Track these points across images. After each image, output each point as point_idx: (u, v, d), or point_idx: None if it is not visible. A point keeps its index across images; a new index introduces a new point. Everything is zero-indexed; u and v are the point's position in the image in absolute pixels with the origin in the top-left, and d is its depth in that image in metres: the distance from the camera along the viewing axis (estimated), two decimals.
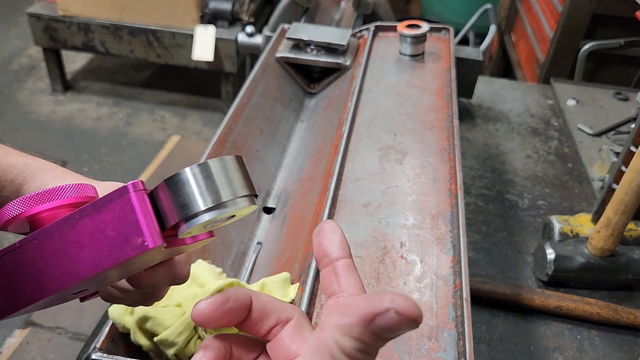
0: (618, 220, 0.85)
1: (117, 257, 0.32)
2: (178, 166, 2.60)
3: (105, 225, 0.33)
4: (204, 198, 0.32)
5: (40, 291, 0.34)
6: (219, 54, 2.68)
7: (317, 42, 1.17)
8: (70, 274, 0.33)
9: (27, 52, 3.46)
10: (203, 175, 0.32)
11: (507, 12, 2.83)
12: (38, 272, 0.34)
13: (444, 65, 1.14)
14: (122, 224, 0.32)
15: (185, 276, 0.42)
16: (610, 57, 2.06)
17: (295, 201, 0.87)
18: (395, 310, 0.26)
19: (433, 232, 0.72)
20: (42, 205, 0.37)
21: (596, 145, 1.31)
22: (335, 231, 0.33)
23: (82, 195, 0.38)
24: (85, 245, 0.33)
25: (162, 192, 0.33)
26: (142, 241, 0.31)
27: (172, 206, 0.32)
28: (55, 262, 0.34)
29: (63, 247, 0.34)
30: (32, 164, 0.45)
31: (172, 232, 0.34)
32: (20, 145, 2.95)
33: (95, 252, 0.33)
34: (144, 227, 0.32)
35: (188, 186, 0.32)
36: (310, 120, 1.13)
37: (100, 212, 0.33)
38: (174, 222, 0.32)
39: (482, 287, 0.89)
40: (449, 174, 0.82)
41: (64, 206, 0.37)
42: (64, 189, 0.37)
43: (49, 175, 0.45)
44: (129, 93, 3.13)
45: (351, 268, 0.32)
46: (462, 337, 0.58)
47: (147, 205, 0.33)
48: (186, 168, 0.32)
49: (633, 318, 0.86)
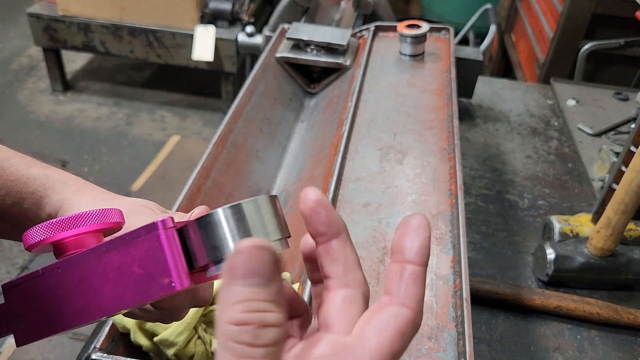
0: (618, 220, 0.85)
1: (143, 296, 0.31)
2: (178, 166, 2.60)
3: (132, 261, 0.31)
4: (236, 242, 0.31)
5: (61, 323, 0.33)
6: (219, 54, 2.68)
7: (317, 42, 1.17)
8: (93, 309, 0.32)
9: (27, 52, 3.46)
10: (235, 218, 0.31)
11: (507, 12, 2.83)
12: (60, 303, 0.33)
13: (444, 65, 1.14)
14: (150, 262, 0.31)
15: (208, 299, 0.42)
16: (610, 57, 2.06)
17: (295, 201, 0.87)
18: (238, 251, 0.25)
19: (433, 232, 0.72)
20: (67, 232, 0.36)
21: (596, 145, 1.31)
22: (420, 230, 0.29)
23: (107, 222, 0.37)
24: (111, 279, 0.32)
25: (193, 232, 0.32)
26: (170, 282, 0.30)
27: (203, 247, 0.31)
28: (78, 294, 0.33)
29: (87, 279, 0.33)
30: (53, 176, 0.45)
31: (200, 270, 0.33)
32: (20, 145, 2.94)
33: (120, 289, 0.32)
34: (172, 268, 0.31)
35: (220, 228, 0.31)
36: (310, 120, 1.13)
37: (128, 247, 0.32)
38: (204, 264, 0.31)
39: (482, 287, 0.89)
40: (449, 174, 0.82)
41: (89, 232, 0.36)
42: (89, 215, 0.36)
43: (70, 189, 0.45)
44: (129, 93, 3.13)
45: (419, 278, 0.29)
46: (462, 337, 0.58)
47: (177, 245, 0.31)
48: (219, 209, 0.31)
49: (633, 318, 0.86)
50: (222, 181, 0.84)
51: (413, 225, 0.29)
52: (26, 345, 0.35)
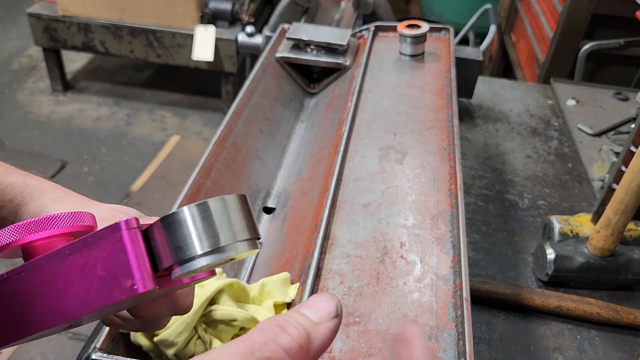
0: (618, 220, 0.85)
1: (105, 299, 0.30)
2: (178, 166, 2.60)
3: (95, 263, 0.30)
4: (201, 241, 0.29)
5: (25, 327, 0.32)
6: (219, 54, 2.68)
7: (317, 42, 1.17)
8: (57, 312, 0.31)
9: (27, 52, 3.46)
10: (202, 217, 0.30)
11: (507, 12, 2.83)
12: (24, 307, 0.32)
13: (444, 65, 1.14)
14: (112, 263, 0.30)
15: (188, 307, 0.41)
16: (610, 57, 2.06)
17: (295, 201, 0.87)
18: None
19: (433, 232, 0.72)
20: (36, 235, 0.35)
21: (596, 145, 1.31)
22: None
23: (78, 225, 0.36)
24: (74, 282, 0.31)
25: (158, 232, 0.30)
26: (132, 284, 0.29)
27: (167, 247, 0.30)
28: (42, 298, 0.32)
29: (51, 282, 0.32)
30: (31, 183, 0.44)
31: (167, 272, 0.32)
32: (20, 145, 2.95)
33: (83, 291, 0.31)
34: (135, 270, 0.29)
35: (185, 227, 0.30)
36: (310, 120, 1.13)
37: (91, 248, 0.31)
38: (168, 265, 0.30)
39: (482, 287, 0.89)
40: (449, 174, 0.82)
41: (58, 235, 0.35)
42: (59, 217, 0.35)
43: (48, 196, 0.44)
44: (129, 93, 3.13)
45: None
46: (462, 337, 0.58)
47: (140, 246, 0.30)
48: (184, 207, 0.30)
49: (633, 318, 0.86)
50: (222, 181, 0.84)
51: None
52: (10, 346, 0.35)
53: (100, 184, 2.47)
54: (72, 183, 2.47)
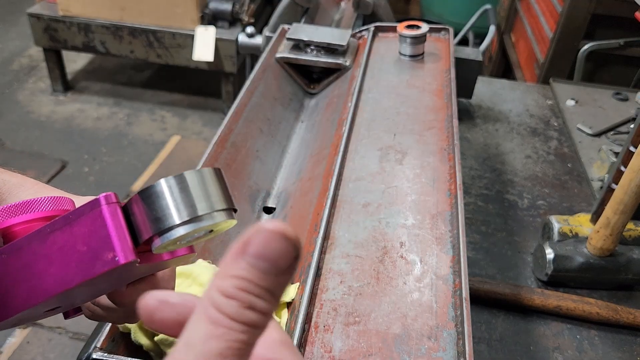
0: (617, 220, 0.85)
1: (86, 273, 0.30)
2: (178, 166, 2.60)
3: (76, 239, 0.30)
4: (179, 211, 0.30)
5: (6, 308, 0.32)
6: (219, 54, 2.68)
7: (317, 43, 1.17)
8: (38, 291, 0.31)
9: (27, 52, 3.46)
10: (179, 188, 0.30)
11: (506, 13, 2.83)
12: (5, 289, 0.32)
13: (444, 65, 1.14)
14: (93, 238, 0.30)
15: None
16: (610, 58, 2.06)
17: (296, 201, 0.87)
18: (262, 230, 0.23)
19: (433, 232, 0.72)
20: (16, 218, 0.35)
21: (595, 145, 1.31)
22: None
23: (58, 209, 0.36)
24: (55, 260, 0.31)
25: (137, 205, 0.31)
26: (113, 256, 0.29)
27: (146, 220, 0.30)
28: (23, 278, 0.32)
29: (32, 262, 0.32)
30: (10, 180, 0.44)
31: (148, 247, 0.32)
32: (20, 145, 2.94)
33: (64, 268, 0.31)
34: (116, 242, 0.30)
35: (162, 199, 0.30)
36: (310, 121, 1.13)
37: (71, 225, 0.31)
38: (148, 237, 0.30)
39: (481, 286, 0.89)
40: (449, 174, 0.82)
41: (39, 219, 0.35)
42: (40, 201, 0.35)
43: (27, 191, 0.43)
44: (129, 93, 3.14)
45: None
46: (461, 337, 0.59)
47: (120, 219, 0.31)
48: (161, 180, 0.30)
49: (632, 318, 0.86)
50: None
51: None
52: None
53: (100, 184, 2.47)
54: (73, 183, 2.48)
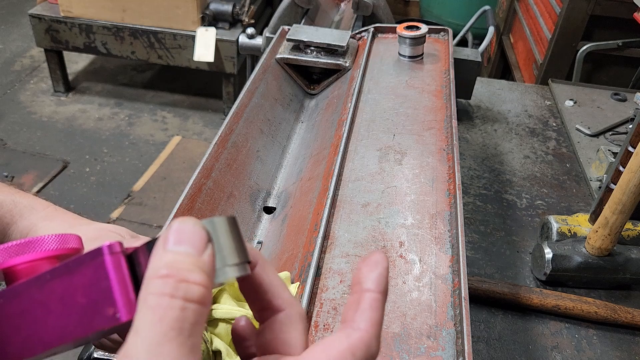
0: (616, 220, 0.85)
1: (86, 328, 0.28)
2: (179, 166, 2.61)
3: (75, 290, 0.29)
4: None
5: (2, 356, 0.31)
6: (219, 55, 2.69)
7: (317, 44, 1.18)
8: (36, 341, 0.30)
9: (29, 53, 3.47)
10: None
11: (505, 14, 2.84)
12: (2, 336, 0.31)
13: (443, 66, 1.15)
14: (94, 290, 0.28)
15: None
16: (608, 58, 2.07)
17: (296, 201, 0.88)
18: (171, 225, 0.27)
19: (432, 231, 0.73)
20: (19, 258, 0.33)
21: (594, 146, 1.31)
22: (378, 264, 0.31)
23: (63, 247, 0.34)
24: (54, 310, 0.29)
25: (144, 257, 0.29)
26: (114, 312, 0.28)
27: None
28: (20, 326, 0.30)
29: (30, 309, 0.30)
30: (21, 202, 0.44)
31: None
32: (22, 145, 2.95)
33: (64, 319, 0.29)
34: (118, 297, 0.28)
35: None
36: (310, 121, 1.13)
37: (71, 274, 0.29)
38: None
39: (480, 286, 0.90)
40: (448, 174, 0.83)
41: (42, 259, 0.33)
42: (44, 240, 0.33)
43: (38, 214, 0.43)
44: (130, 94, 3.14)
45: (375, 304, 0.30)
46: (460, 336, 0.59)
47: (123, 271, 0.29)
48: None
49: (631, 317, 0.87)
50: (222, 181, 0.85)
51: (371, 260, 0.31)
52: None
53: (101, 184, 2.48)
54: (74, 183, 2.48)
